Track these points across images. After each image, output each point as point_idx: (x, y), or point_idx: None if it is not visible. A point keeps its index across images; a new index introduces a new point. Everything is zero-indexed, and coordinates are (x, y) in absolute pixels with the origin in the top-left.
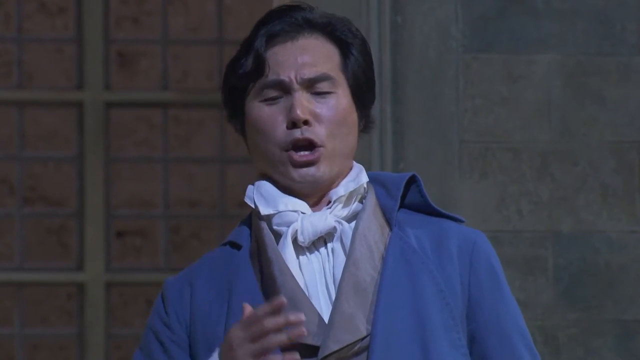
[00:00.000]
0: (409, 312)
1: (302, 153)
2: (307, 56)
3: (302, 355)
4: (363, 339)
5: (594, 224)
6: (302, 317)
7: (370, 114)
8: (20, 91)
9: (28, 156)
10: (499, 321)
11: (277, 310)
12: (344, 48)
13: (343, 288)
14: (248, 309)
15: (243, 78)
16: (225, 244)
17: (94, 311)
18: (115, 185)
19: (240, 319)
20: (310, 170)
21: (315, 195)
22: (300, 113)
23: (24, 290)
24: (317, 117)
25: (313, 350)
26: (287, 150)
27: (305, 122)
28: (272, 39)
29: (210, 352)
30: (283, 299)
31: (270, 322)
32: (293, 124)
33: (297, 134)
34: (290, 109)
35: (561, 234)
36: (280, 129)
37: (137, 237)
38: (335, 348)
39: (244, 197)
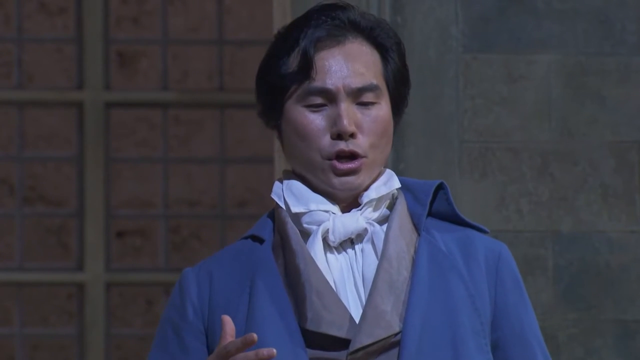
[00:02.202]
0: (440, 311)
1: (344, 163)
2: (354, 65)
3: (327, 349)
4: (396, 334)
5: (594, 224)
6: (274, 351)
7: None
8: (20, 91)
9: (28, 156)
10: (522, 332)
11: (248, 345)
12: (384, 53)
13: (378, 284)
14: (227, 320)
15: (286, 78)
16: (246, 238)
17: (94, 311)
18: (115, 185)
19: (217, 348)
20: (351, 178)
21: (348, 200)
22: (347, 125)
23: (24, 290)
24: (361, 129)
25: (340, 343)
26: (329, 159)
27: (352, 135)
28: (319, 42)
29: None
30: (254, 335)
31: (241, 358)
32: (338, 136)
33: (342, 145)
34: (337, 120)
35: (561, 234)
36: (324, 139)
37: (137, 237)
38: (368, 342)
39: (243, 197)
